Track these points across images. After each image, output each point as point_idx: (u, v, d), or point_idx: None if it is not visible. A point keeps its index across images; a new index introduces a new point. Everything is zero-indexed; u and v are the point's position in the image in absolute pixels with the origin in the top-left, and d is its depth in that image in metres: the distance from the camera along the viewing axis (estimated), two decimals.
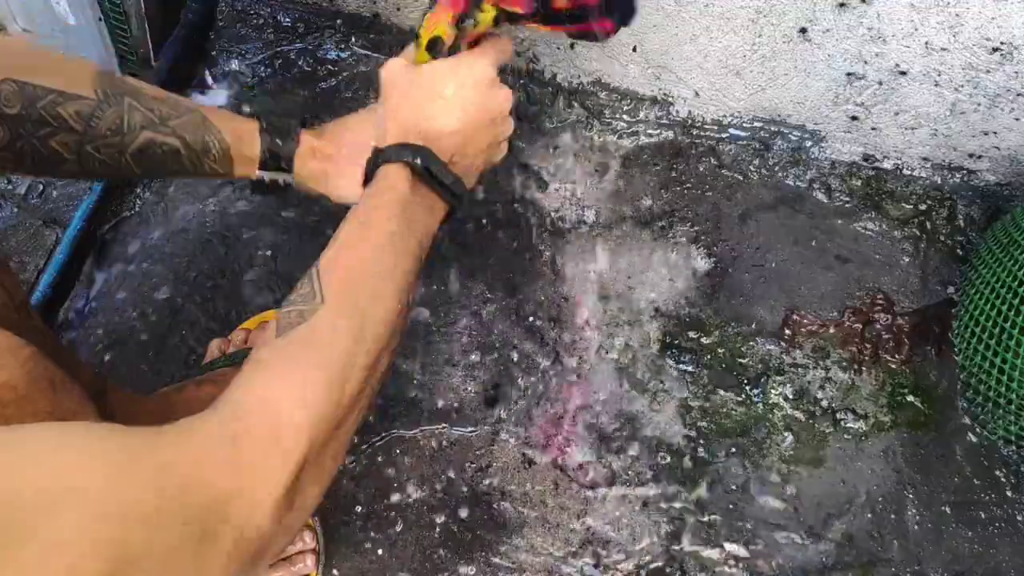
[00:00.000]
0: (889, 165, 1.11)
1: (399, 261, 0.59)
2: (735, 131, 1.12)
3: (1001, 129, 0.99)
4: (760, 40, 0.97)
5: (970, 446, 0.95)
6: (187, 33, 1.15)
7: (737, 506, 0.92)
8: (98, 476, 0.36)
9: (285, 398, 0.47)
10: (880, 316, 1.03)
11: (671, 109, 1.12)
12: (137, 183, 1.08)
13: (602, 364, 0.99)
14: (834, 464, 0.94)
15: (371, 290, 0.56)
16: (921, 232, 1.08)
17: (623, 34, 1.03)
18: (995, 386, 0.89)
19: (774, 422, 0.96)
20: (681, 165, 1.12)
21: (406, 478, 0.91)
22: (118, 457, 0.38)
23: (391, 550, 0.88)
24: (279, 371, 0.49)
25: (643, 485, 0.92)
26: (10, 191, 1.08)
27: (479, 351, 0.99)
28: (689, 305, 1.03)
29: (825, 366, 1.00)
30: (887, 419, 0.97)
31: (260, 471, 0.44)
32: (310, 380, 0.48)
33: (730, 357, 1.00)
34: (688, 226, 1.08)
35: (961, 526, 0.91)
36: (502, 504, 0.91)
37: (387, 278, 0.57)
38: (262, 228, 1.06)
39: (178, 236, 1.05)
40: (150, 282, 1.02)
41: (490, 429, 0.94)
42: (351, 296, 0.54)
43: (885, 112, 1.02)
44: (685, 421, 0.96)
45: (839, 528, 0.91)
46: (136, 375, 0.96)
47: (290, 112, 0.78)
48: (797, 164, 1.12)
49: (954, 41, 0.89)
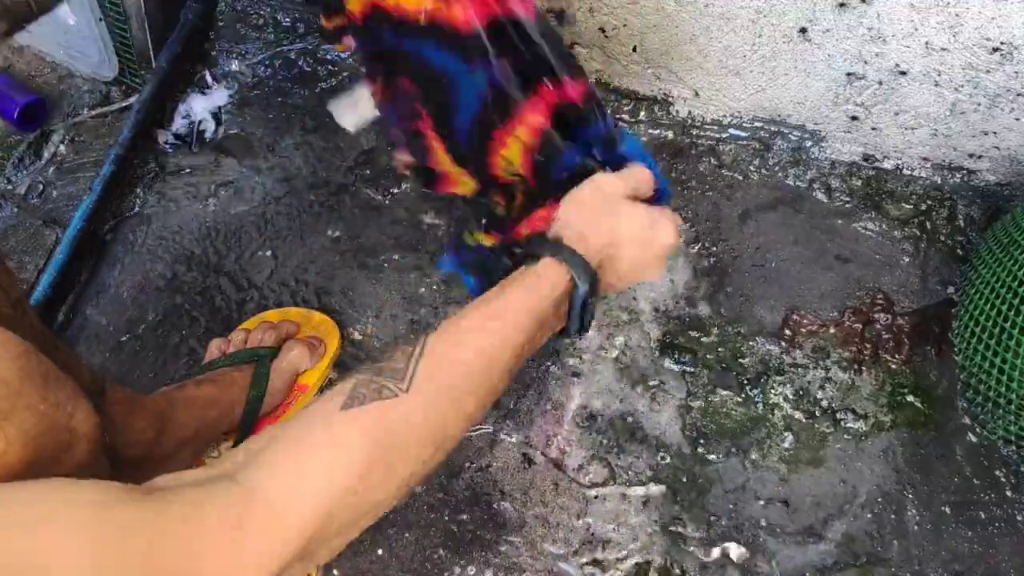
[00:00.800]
0: (889, 165, 1.11)
1: (503, 380, 0.54)
2: (735, 131, 1.12)
3: (1001, 129, 0.99)
4: (760, 40, 0.97)
5: (970, 446, 0.95)
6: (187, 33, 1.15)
7: (737, 506, 0.92)
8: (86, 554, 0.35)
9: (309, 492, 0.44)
10: (880, 316, 1.03)
11: (671, 109, 1.12)
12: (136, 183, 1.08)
13: (602, 364, 0.99)
14: (834, 464, 0.94)
15: (461, 405, 0.51)
16: (921, 232, 1.08)
17: (623, 34, 1.03)
18: (995, 386, 0.89)
19: (774, 422, 0.96)
20: (681, 165, 1.12)
21: None
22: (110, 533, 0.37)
23: (391, 550, 0.88)
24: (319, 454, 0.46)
25: (643, 485, 0.92)
26: (10, 191, 1.08)
27: None
28: (689, 305, 1.03)
29: (825, 366, 1.00)
30: (887, 419, 0.97)
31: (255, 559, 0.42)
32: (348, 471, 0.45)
33: (730, 357, 1.00)
34: (688, 226, 1.08)
35: (961, 526, 0.91)
36: (502, 504, 0.91)
37: (481, 395, 0.53)
38: (262, 228, 1.06)
39: (178, 236, 1.05)
40: (150, 282, 1.02)
41: (490, 429, 0.94)
42: (439, 403, 0.50)
43: (885, 112, 1.02)
44: (685, 421, 0.96)
45: (839, 528, 0.91)
46: (136, 375, 0.96)
47: None
48: (797, 164, 1.12)
49: (954, 41, 0.89)
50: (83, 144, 1.13)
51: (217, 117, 1.14)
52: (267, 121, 1.13)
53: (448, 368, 0.51)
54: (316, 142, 1.12)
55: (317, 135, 1.13)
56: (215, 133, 1.13)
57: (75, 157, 1.12)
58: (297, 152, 1.11)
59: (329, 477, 0.45)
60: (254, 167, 1.10)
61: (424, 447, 0.49)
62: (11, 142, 1.13)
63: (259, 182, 1.09)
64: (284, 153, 1.12)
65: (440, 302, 1.01)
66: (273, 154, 1.11)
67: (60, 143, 1.13)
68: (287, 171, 1.10)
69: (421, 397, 0.49)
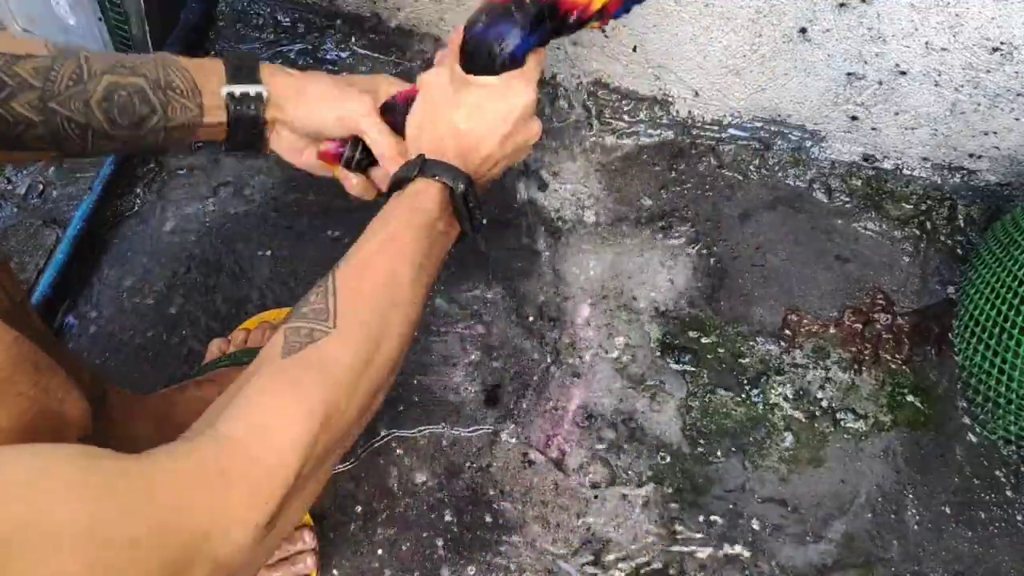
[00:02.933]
0: (889, 165, 1.11)
1: (416, 292, 0.58)
2: (735, 131, 1.12)
3: (1001, 129, 0.99)
4: (760, 40, 0.97)
5: (970, 446, 0.95)
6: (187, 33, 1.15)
7: (737, 506, 0.92)
8: (77, 510, 0.36)
9: (280, 430, 0.47)
10: (880, 316, 1.03)
11: (671, 109, 1.12)
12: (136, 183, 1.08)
13: (602, 364, 0.99)
14: (834, 464, 0.94)
15: (386, 321, 0.55)
16: (921, 232, 1.08)
17: (623, 34, 1.03)
18: (995, 386, 0.89)
19: (774, 422, 0.96)
20: (681, 165, 1.12)
21: (406, 478, 0.91)
22: (98, 489, 0.37)
23: (391, 550, 0.88)
24: (278, 398, 0.48)
25: (643, 485, 0.92)
26: (10, 191, 1.08)
27: (479, 351, 0.99)
28: (689, 305, 1.03)
29: (825, 366, 1.00)
30: (887, 419, 0.97)
31: (244, 506, 0.43)
32: (309, 411, 0.48)
33: (730, 357, 1.00)
34: (688, 226, 1.08)
35: (961, 526, 0.91)
36: (502, 504, 0.91)
37: (403, 309, 0.56)
38: (262, 228, 1.06)
39: (178, 236, 1.05)
40: (150, 282, 1.02)
41: (490, 429, 0.94)
42: (365, 326, 0.53)
43: (885, 112, 1.02)
44: (685, 421, 0.96)
45: (839, 528, 0.91)
46: (136, 375, 0.96)
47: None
48: (797, 164, 1.12)
49: (954, 41, 0.89)
50: None
51: None
52: None
53: (364, 294, 0.55)
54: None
55: None
56: None
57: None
58: None
59: (294, 418, 0.47)
60: (254, 167, 1.10)
61: (369, 368, 0.52)
62: None
63: (259, 182, 1.09)
64: None
65: (439, 301, 1.01)
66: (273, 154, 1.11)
67: None
68: (287, 171, 1.10)
69: (348, 327, 0.53)
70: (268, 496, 0.45)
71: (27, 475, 0.36)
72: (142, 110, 0.64)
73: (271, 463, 0.45)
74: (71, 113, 0.62)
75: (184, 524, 0.40)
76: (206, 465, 0.43)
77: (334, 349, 0.51)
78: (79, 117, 0.62)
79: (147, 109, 0.64)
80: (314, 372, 0.50)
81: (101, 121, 0.63)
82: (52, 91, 0.60)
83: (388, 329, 0.55)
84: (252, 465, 0.45)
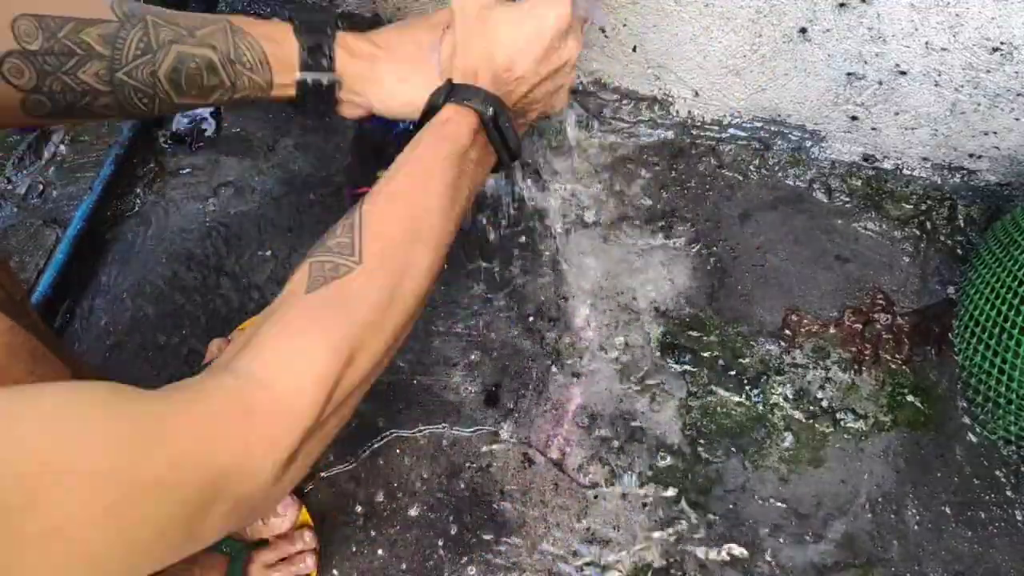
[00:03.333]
0: (889, 165, 1.11)
1: (445, 226, 0.56)
2: (735, 131, 1.12)
3: (1001, 129, 0.99)
4: (760, 40, 0.97)
5: (970, 446, 0.95)
6: None
7: (737, 506, 0.92)
8: (99, 448, 0.36)
9: (303, 367, 0.46)
10: (880, 316, 1.03)
11: (671, 109, 1.12)
12: (136, 183, 1.08)
13: (602, 364, 0.99)
14: (834, 464, 0.94)
15: (412, 258, 0.53)
16: (921, 232, 1.08)
17: (623, 34, 1.03)
18: (995, 386, 0.89)
19: (774, 422, 0.96)
20: (681, 165, 1.12)
21: (406, 478, 0.91)
22: (121, 427, 0.37)
23: (391, 550, 0.88)
24: (302, 335, 0.47)
25: (643, 485, 0.92)
26: (10, 191, 1.08)
27: (479, 351, 0.99)
28: (689, 305, 1.03)
29: (825, 366, 1.00)
30: (887, 419, 0.97)
31: (266, 444, 0.43)
32: (333, 348, 0.47)
33: (730, 357, 1.00)
34: (688, 226, 1.08)
35: (961, 526, 0.91)
36: (502, 504, 0.91)
37: (430, 245, 0.55)
38: (262, 228, 1.06)
39: (178, 236, 1.05)
40: (150, 282, 1.02)
41: (490, 429, 0.94)
42: (391, 262, 0.52)
43: (885, 112, 1.02)
44: (685, 421, 0.96)
45: (839, 528, 0.91)
46: (136, 375, 0.96)
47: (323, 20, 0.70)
48: (797, 164, 1.12)
49: (954, 41, 0.89)
50: (83, 144, 1.13)
51: (217, 117, 1.14)
52: (267, 121, 1.13)
53: (389, 229, 0.54)
54: (316, 142, 1.12)
55: (317, 135, 1.13)
56: (215, 133, 1.13)
57: (75, 157, 1.12)
58: (297, 152, 1.12)
59: (317, 355, 0.47)
60: (254, 167, 1.10)
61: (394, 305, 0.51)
62: (11, 142, 1.13)
63: (259, 182, 1.09)
64: (284, 153, 1.12)
65: (440, 301, 1.01)
66: (273, 154, 1.11)
67: (60, 143, 1.13)
68: (287, 171, 1.10)
69: (373, 262, 0.51)
70: (289, 434, 0.44)
71: (54, 411, 0.36)
72: (210, 82, 0.63)
73: (293, 401, 0.45)
74: (138, 83, 0.60)
75: (206, 462, 0.40)
76: (229, 403, 0.43)
77: (359, 285, 0.50)
78: (146, 88, 0.61)
79: (215, 81, 0.63)
80: (338, 309, 0.49)
81: (168, 91, 0.62)
82: (120, 61, 0.59)
83: (413, 265, 0.53)
84: (274, 403, 0.44)
